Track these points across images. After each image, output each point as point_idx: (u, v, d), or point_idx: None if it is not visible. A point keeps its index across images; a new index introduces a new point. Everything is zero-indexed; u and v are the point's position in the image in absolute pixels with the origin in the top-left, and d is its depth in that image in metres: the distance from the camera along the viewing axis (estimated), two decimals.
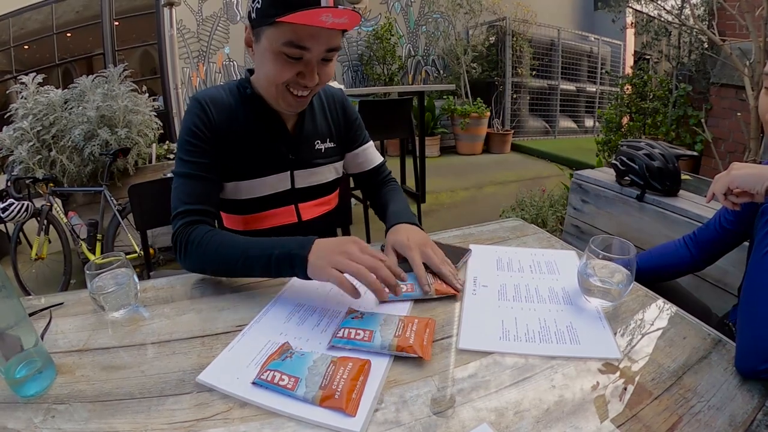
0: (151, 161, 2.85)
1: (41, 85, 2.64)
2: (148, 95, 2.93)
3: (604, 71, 6.78)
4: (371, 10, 5.49)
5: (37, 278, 2.48)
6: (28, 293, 2.34)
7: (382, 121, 2.80)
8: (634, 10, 3.99)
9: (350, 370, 0.54)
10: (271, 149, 0.93)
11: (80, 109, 2.55)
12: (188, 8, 4.57)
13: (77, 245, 2.43)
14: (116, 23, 4.58)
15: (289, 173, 0.96)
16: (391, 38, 5.48)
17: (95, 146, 2.48)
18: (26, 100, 2.55)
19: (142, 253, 2.12)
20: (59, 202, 2.50)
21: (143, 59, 4.87)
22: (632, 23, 3.99)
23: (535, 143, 6.08)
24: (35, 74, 2.62)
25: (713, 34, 2.73)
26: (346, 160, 1.10)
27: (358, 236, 0.89)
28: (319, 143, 0.99)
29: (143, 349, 0.63)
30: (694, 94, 3.37)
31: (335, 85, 1.12)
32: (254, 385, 0.54)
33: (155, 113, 2.88)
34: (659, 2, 3.45)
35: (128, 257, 0.74)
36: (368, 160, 1.10)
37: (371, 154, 1.11)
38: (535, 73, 6.26)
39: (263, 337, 0.63)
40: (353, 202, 2.72)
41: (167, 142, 3.13)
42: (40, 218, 2.34)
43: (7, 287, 0.54)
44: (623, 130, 3.71)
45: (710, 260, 1.02)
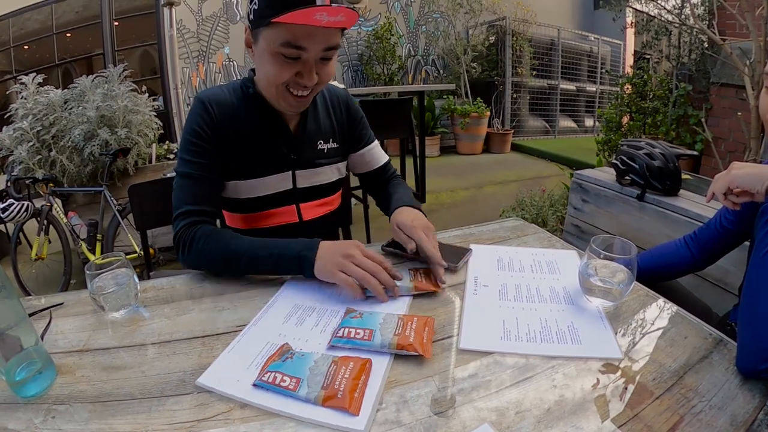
0: (151, 161, 2.84)
1: (41, 85, 2.63)
2: (148, 95, 2.92)
3: (604, 71, 6.78)
4: (371, 9, 5.49)
5: (37, 278, 2.48)
6: (28, 293, 2.34)
7: (382, 121, 2.80)
8: (634, 9, 3.98)
9: (352, 369, 0.54)
10: (272, 149, 0.93)
11: (80, 109, 2.55)
12: (188, 8, 4.57)
13: (77, 245, 2.43)
14: (116, 23, 4.58)
15: (290, 173, 0.96)
16: (391, 38, 5.47)
17: (95, 146, 2.48)
18: (26, 100, 2.55)
19: (142, 253, 2.11)
20: (59, 202, 2.50)
21: (143, 59, 4.87)
22: (632, 23, 3.98)
23: (535, 143, 6.08)
24: (35, 74, 2.62)
25: (713, 33, 2.73)
26: (352, 160, 1.09)
27: (357, 236, 0.89)
28: (321, 143, 0.99)
29: (143, 349, 0.63)
30: (694, 93, 3.36)
31: (337, 85, 1.12)
32: (255, 386, 0.53)
33: (155, 113, 2.88)
34: (659, 2, 3.44)
35: (128, 257, 0.74)
36: (374, 159, 1.10)
37: (377, 153, 1.10)
38: (535, 72, 6.26)
39: (262, 338, 0.63)
40: (353, 202, 2.72)
41: (167, 142, 3.13)
42: (40, 218, 2.34)
43: (6, 287, 0.54)
44: (623, 129, 3.71)
45: (711, 260, 1.02)
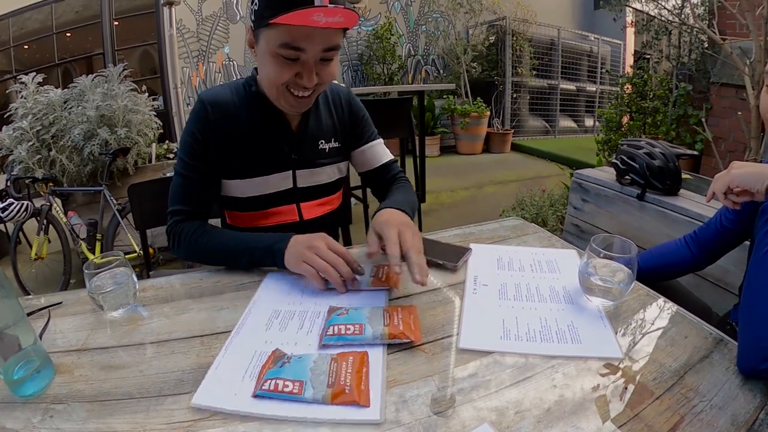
0: (150, 161, 2.84)
1: (41, 84, 2.63)
2: (147, 95, 2.92)
3: (604, 71, 6.77)
4: (371, 9, 5.48)
5: (36, 278, 2.47)
6: (27, 293, 2.34)
7: (381, 120, 2.76)
8: (634, 9, 3.98)
9: (353, 363, 0.55)
10: (273, 148, 0.93)
11: (80, 108, 2.55)
12: (188, 8, 4.56)
13: (77, 245, 2.43)
14: (116, 23, 4.57)
15: (291, 172, 0.96)
16: (390, 38, 5.46)
17: (95, 146, 2.48)
18: (26, 99, 2.54)
19: (141, 252, 2.11)
20: (59, 201, 2.50)
21: (143, 59, 4.86)
22: (632, 22, 3.98)
23: (535, 143, 6.07)
24: (35, 74, 2.62)
25: (713, 33, 2.73)
26: (354, 158, 1.07)
27: (357, 236, 0.89)
28: (323, 143, 0.98)
29: (142, 348, 0.63)
30: (694, 93, 3.36)
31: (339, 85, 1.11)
32: (256, 397, 0.52)
33: (155, 113, 2.88)
34: (659, 1, 3.44)
35: (128, 257, 0.74)
36: (376, 157, 1.07)
37: (378, 151, 1.07)
38: (535, 72, 6.25)
39: (248, 348, 0.61)
40: (353, 201, 2.72)
41: (167, 141, 3.12)
42: (39, 218, 2.34)
43: (5, 287, 0.53)
44: (623, 129, 3.71)
45: (711, 259, 1.02)
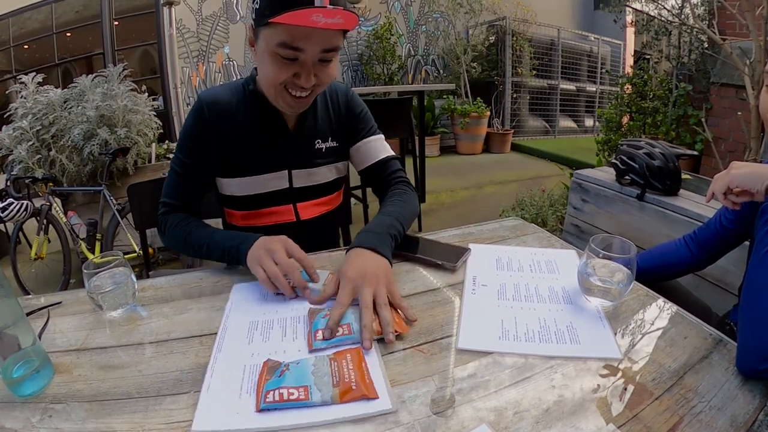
0: (150, 161, 2.84)
1: (41, 84, 2.63)
2: (147, 95, 2.92)
3: (604, 71, 6.77)
4: (371, 9, 5.48)
5: (36, 278, 2.47)
6: (27, 293, 2.34)
7: (381, 120, 2.75)
8: (634, 9, 3.98)
9: (352, 360, 0.56)
10: (269, 147, 0.93)
11: (80, 108, 2.55)
12: (188, 8, 4.56)
13: (77, 245, 2.43)
14: (116, 23, 4.57)
15: (286, 172, 0.96)
16: (390, 38, 5.46)
17: (95, 146, 2.48)
18: (26, 99, 2.54)
19: (141, 252, 2.11)
20: (59, 201, 2.50)
21: (143, 59, 4.86)
22: (632, 22, 3.98)
23: (535, 143, 6.07)
24: (35, 74, 2.61)
25: (713, 33, 2.73)
26: (351, 155, 1.04)
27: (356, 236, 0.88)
28: (320, 142, 0.98)
29: (141, 348, 0.63)
30: (694, 93, 3.36)
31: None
32: (261, 411, 0.50)
33: (155, 113, 2.88)
34: (659, 2, 3.44)
35: (127, 257, 0.74)
36: (372, 153, 1.02)
37: (376, 147, 1.03)
38: (535, 72, 6.25)
39: (235, 364, 0.58)
40: (353, 201, 2.72)
41: (167, 141, 3.12)
42: (39, 218, 2.34)
43: (4, 286, 0.53)
44: (623, 129, 3.71)
45: (711, 260, 1.02)
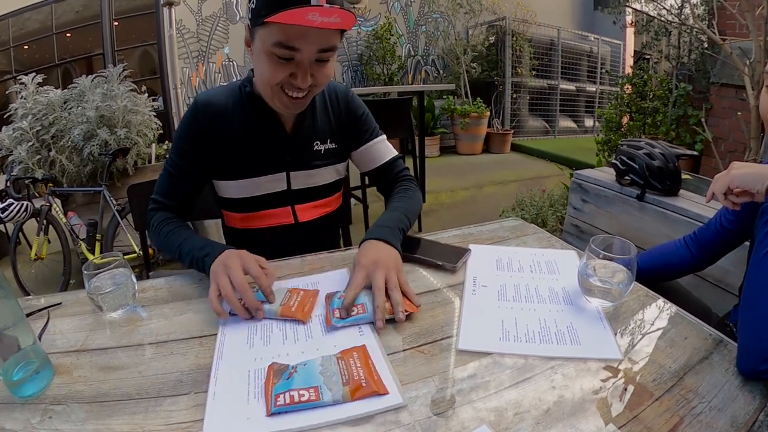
0: (150, 161, 2.84)
1: (41, 85, 2.63)
2: (147, 95, 2.92)
3: (603, 71, 6.77)
4: (371, 9, 5.48)
5: (36, 278, 2.47)
6: (27, 293, 2.33)
7: (381, 121, 2.75)
8: (633, 9, 3.98)
9: (358, 358, 0.57)
10: (267, 149, 0.92)
11: (80, 109, 2.54)
12: (188, 8, 4.56)
13: (76, 245, 2.43)
14: (116, 23, 4.57)
15: (284, 174, 0.95)
16: (390, 38, 5.46)
17: (94, 146, 2.47)
18: (26, 100, 2.54)
19: (141, 253, 2.11)
20: (59, 202, 2.50)
21: (143, 59, 4.86)
22: (632, 22, 3.98)
23: (534, 143, 6.07)
24: (35, 74, 2.61)
25: (713, 33, 2.73)
26: (355, 158, 1.05)
27: (357, 237, 0.88)
28: (318, 144, 0.97)
29: (141, 349, 0.63)
30: (694, 93, 3.36)
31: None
32: (272, 415, 0.50)
33: (155, 113, 2.87)
34: (659, 2, 3.44)
35: (127, 257, 0.74)
36: (377, 156, 1.03)
37: (380, 149, 1.04)
38: (534, 72, 6.25)
39: (239, 370, 0.57)
40: (353, 202, 2.72)
41: (167, 142, 3.12)
42: (39, 218, 2.34)
43: (4, 287, 0.53)
44: (623, 129, 3.71)
45: (711, 260, 1.02)
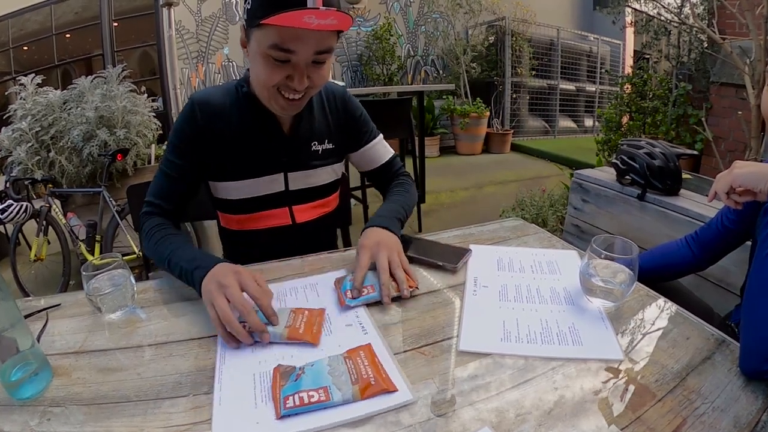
0: (150, 162, 2.83)
1: (40, 86, 2.62)
2: (147, 96, 2.91)
3: (603, 71, 6.77)
4: (370, 10, 5.48)
5: (36, 279, 2.47)
6: (27, 294, 2.33)
7: (381, 121, 2.75)
8: (633, 9, 3.97)
9: (365, 357, 0.57)
10: (264, 150, 0.92)
11: (79, 109, 2.54)
12: (187, 9, 4.56)
13: (76, 246, 2.42)
14: (115, 24, 4.57)
15: (282, 175, 0.94)
16: (390, 38, 5.46)
17: (94, 147, 2.47)
18: (25, 101, 2.54)
19: (140, 253, 2.11)
20: (58, 203, 2.49)
21: (142, 60, 4.86)
22: (632, 22, 3.97)
23: (534, 143, 6.07)
24: (34, 75, 2.61)
25: (713, 32, 2.72)
26: (354, 159, 1.06)
27: (357, 237, 0.88)
28: (316, 144, 0.96)
29: (140, 351, 0.62)
30: (694, 93, 3.36)
31: (338, 83, 1.09)
32: (282, 418, 0.49)
33: (154, 114, 2.87)
34: (658, 1, 3.44)
35: (127, 258, 0.74)
36: (376, 157, 1.05)
37: (379, 150, 1.06)
38: (534, 72, 6.24)
39: (243, 374, 0.56)
40: (353, 202, 2.71)
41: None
42: (39, 219, 2.33)
43: (2, 289, 0.53)
44: (623, 129, 3.70)
45: (712, 260, 1.02)
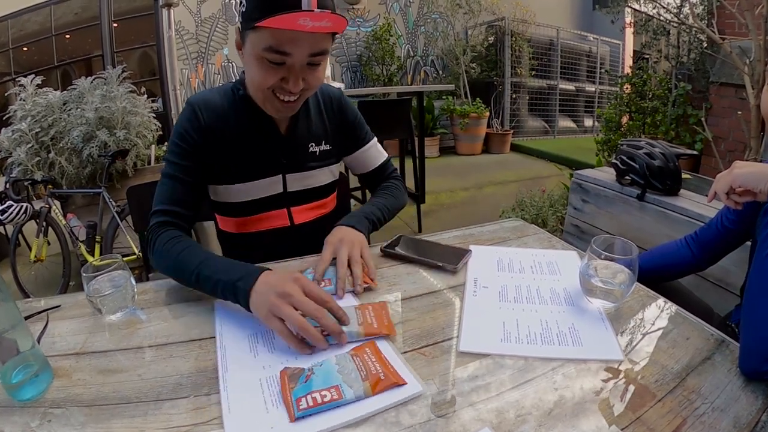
0: (149, 163, 2.84)
1: (40, 86, 2.63)
2: (146, 96, 2.92)
3: (603, 71, 6.77)
4: (370, 10, 5.49)
5: (36, 280, 2.47)
6: (27, 295, 2.33)
7: (381, 121, 2.78)
8: (632, 9, 3.97)
9: (372, 353, 0.58)
10: (262, 152, 0.91)
11: (79, 110, 2.54)
12: (187, 9, 4.56)
13: (76, 247, 2.42)
14: (115, 25, 4.58)
15: (281, 176, 0.95)
16: (390, 39, 5.47)
17: (94, 148, 2.47)
18: (25, 101, 2.54)
19: (140, 254, 2.11)
20: (58, 203, 2.50)
21: (142, 60, 4.87)
22: (631, 22, 3.98)
23: (534, 143, 6.07)
24: (34, 76, 2.61)
25: (713, 32, 2.73)
26: (348, 161, 1.07)
27: None
28: (313, 146, 0.96)
29: (140, 352, 0.62)
30: (693, 93, 3.36)
31: (336, 84, 1.09)
32: (297, 420, 0.49)
33: (154, 115, 2.87)
34: (657, 1, 3.44)
35: (127, 259, 0.74)
36: (370, 160, 1.07)
37: (373, 154, 1.07)
38: (534, 73, 6.25)
39: (249, 380, 0.55)
40: (353, 203, 2.71)
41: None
42: (39, 220, 2.33)
43: (2, 291, 0.53)
44: (623, 129, 3.70)
45: (712, 260, 1.02)
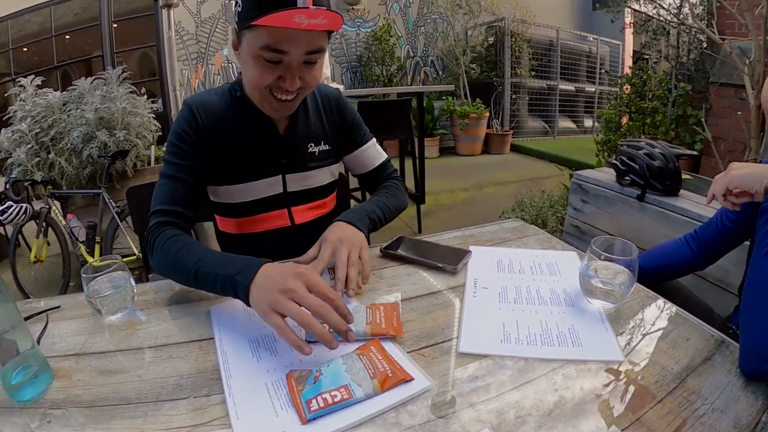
0: (149, 163, 2.84)
1: (40, 87, 2.63)
2: (146, 97, 2.92)
3: (603, 71, 6.77)
4: (370, 11, 5.49)
5: (36, 281, 2.47)
6: (27, 296, 2.33)
7: (381, 122, 2.79)
8: (632, 9, 3.97)
9: (377, 351, 0.58)
10: (262, 153, 0.91)
11: (79, 111, 2.55)
12: (187, 10, 4.57)
13: (76, 248, 2.42)
14: (115, 25, 4.58)
15: (280, 177, 0.94)
16: (389, 39, 5.47)
17: (94, 148, 2.48)
18: (25, 102, 2.54)
19: (140, 255, 2.11)
20: (58, 204, 2.50)
21: (142, 61, 4.87)
22: (631, 23, 3.98)
23: (534, 144, 6.07)
24: (34, 76, 2.62)
25: (712, 32, 2.73)
26: (346, 161, 1.07)
27: None
28: (312, 146, 0.96)
29: (140, 353, 0.62)
30: (693, 93, 3.36)
31: (334, 85, 1.09)
32: (309, 422, 0.49)
33: (154, 115, 2.88)
34: (657, 1, 3.44)
35: (127, 260, 0.74)
36: (368, 160, 1.06)
37: (372, 154, 1.07)
38: (534, 73, 6.25)
39: (255, 385, 0.54)
40: (352, 203, 2.71)
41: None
42: (38, 221, 2.33)
43: (2, 291, 0.53)
44: (623, 129, 3.70)
45: (712, 259, 1.02)
